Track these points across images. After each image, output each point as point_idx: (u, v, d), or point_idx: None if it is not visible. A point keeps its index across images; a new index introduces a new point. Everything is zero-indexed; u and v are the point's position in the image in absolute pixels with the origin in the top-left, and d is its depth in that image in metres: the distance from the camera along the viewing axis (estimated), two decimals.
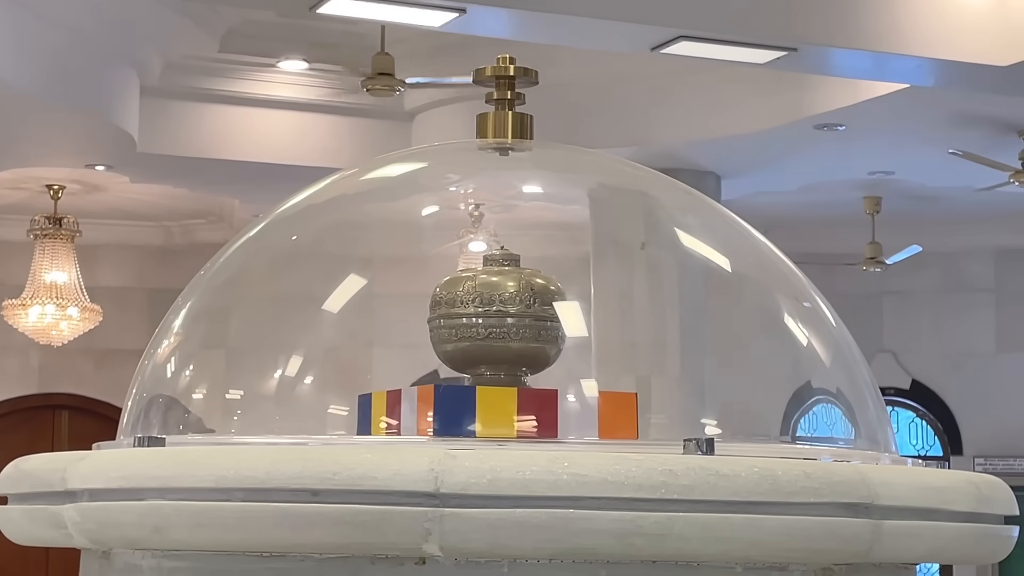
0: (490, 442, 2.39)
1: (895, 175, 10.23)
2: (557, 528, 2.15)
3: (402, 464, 2.16)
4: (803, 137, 9.08)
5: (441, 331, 2.74)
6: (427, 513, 2.14)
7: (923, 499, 2.34)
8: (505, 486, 2.15)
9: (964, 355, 12.43)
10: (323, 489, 2.16)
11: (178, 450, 2.38)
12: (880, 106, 8.40)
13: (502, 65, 2.82)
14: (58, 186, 10.95)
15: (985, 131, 9.07)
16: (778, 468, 2.24)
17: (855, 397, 2.86)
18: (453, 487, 2.14)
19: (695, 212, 3.05)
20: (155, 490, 2.25)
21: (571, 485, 2.15)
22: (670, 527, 2.17)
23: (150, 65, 9.25)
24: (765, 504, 2.20)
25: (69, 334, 11.00)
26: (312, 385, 2.82)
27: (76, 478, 2.35)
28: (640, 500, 2.16)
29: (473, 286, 2.73)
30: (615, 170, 3.17)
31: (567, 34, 7.19)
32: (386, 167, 3.13)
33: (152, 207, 11.82)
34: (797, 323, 2.92)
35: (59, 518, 2.38)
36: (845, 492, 2.26)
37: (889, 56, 7.28)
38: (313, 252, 2.95)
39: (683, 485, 2.17)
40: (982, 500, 2.43)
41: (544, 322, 2.73)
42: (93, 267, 11.68)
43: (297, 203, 2.89)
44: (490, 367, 2.73)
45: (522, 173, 3.01)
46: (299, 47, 9.43)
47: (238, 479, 2.20)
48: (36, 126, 9.05)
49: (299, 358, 2.84)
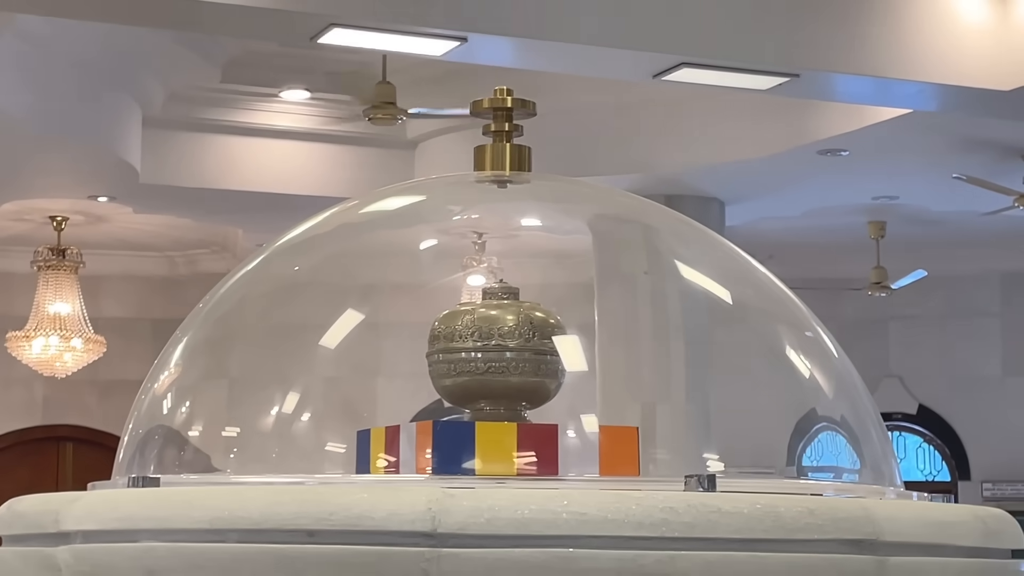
0: (489, 480, 2.36)
1: (899, 200, 10.20)
2: (557, 568, 2.12)
3: (399, 504, 2.13)
4: (807, 163, 9.06)
5: (440, 365, 2.72)
6: (424, 553, 2.11)
7: (929, 534, 2.31)
8: (503, 525, 2.12)
9: (971, 379, 12.38)
10: (319, 530, 2.13)
11: (172, 491, 2.35)
12: (883, 131, 8.38)
13: (499, 97, 2.80)
14: (61, 217, 10.94)
15: (989, 155, 9.04)
16: (781, 504, 2.21)
17: (859, 428, 2.83)
18: (451, 527, 2.11)
19: (695, 242, 3.02)
20: (149, 531, 2.22)
21: (571, 524, 2.12)
22: (672, 565, 2.13)
23: (152, 96, 9.25)
24: (768, 541, 2.17)
25: (73, 365, 10.98)
26: (311, 420, 2.80)
27: (70, 520, 2.32)
28: (641, 538, 2.13)
29: (472, 320, 2.71)
30: (614, 201, 3.15)
31: (568, 62, 7.18)
32: (384, 200, 3.11)
33: (155, 237, 11.81)
34: (800, 354, 2.89)
35: (53, 560, 2.35)
36: (849, 528, 2.22)
37: (892, 81, 7.26)
38: (312, 285, 2.93)
39: (684, 523, 2.14)
40: (989, 534, 2.40)
41: (544, 356, 2.70)
42: (97, 298, 11.67)
43: (296, 236, 2.87)
44: (489, 402, 2.71)
45: (521, 205, 2.99)
46: (301, 77, 9.43)
47: (233, 520, 2.17)
48: (39, 158, 9.04)
49: (298, 392, 2.82)
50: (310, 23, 6.46)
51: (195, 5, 6.11)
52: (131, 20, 6.64)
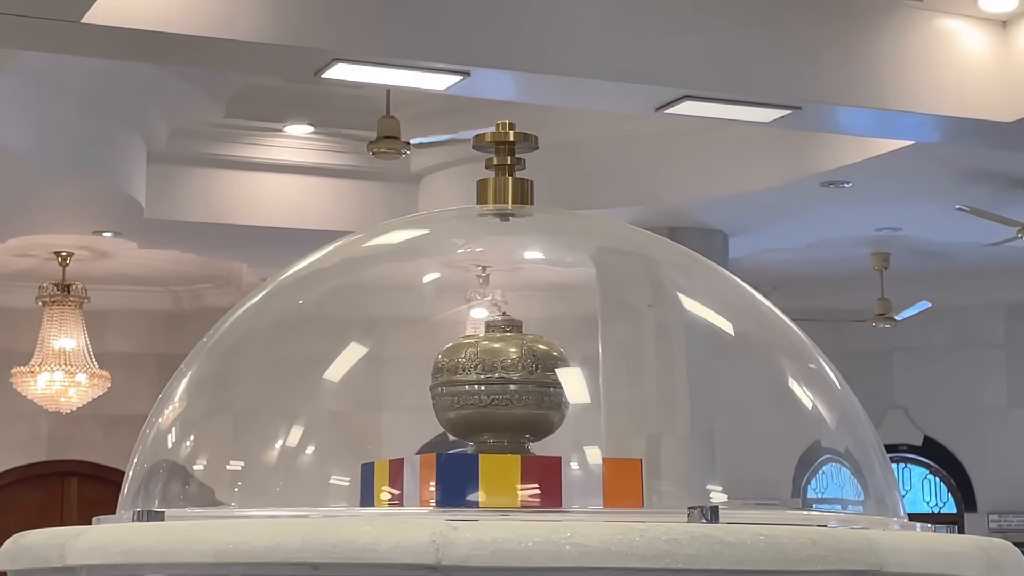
0: (493, 512, 2.36)
1: (902, 231, 10.21)
2: None
3: (403, 536, 2.14)
4: (810, 194, 9.08)
5: (443, 398, 2.73)
6: None
7: (932, 565, 2.31)
8: (507, 557, 2.12)
9: (976, 411, 12.37)
10: (324, 562, 2.14)
11: (177, 525, 2.35)
12: (886, 163, 8.40)
13: (501, 131, 2.82)
14: (66, 253, 10.97)
15: (991, 187, 9.06)
16: (784, 535, 2.21)
17: (863, 459, 2.84)
18: (454, 559, 2.11)
19: (698, 275, 3.03)
20: (154, 565, 2.23)
21: (574, 556, 2.12)
22: None
23: (156, 131, 9.28)
24: (772, 573, 2.18)
25: (78, 400, 10.99)
26: (315, 454, 2.80)
27: (75, 554, 2.33)
28: (644, 570, 2.13)
29: (475, 352, 2.72)
30: (616, 233, 3.16)
31: (571, 96, 7.21)
32: (388, 234, 3.12)
33: (160, 272, 11.84)
34: (803, 386, 2.90)
35: None
36: (852, 559, 2.23)
37: (894, 113, 7.29)
38: (315, 319, 2.94)
39: (687, 554, 2.14)
40: (992, 565, 2.40)
41: (547, 388, 2.71)
42: (102, 333, 11.68)
43: (300, 270, 2.89)
44: (493, 434, 2.71)
45: (524, 238, 3.00)
46: (305, 111, 9.47)
47: (237, 553, 2.17)
48: (44, 193, 9.07)
49: (302, 426, 2.82)
50: (314, 58, 6.49)
51: (198, 41, 6.15)
52: (135, 57, 6.68)
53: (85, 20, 5.80)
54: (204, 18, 6.08)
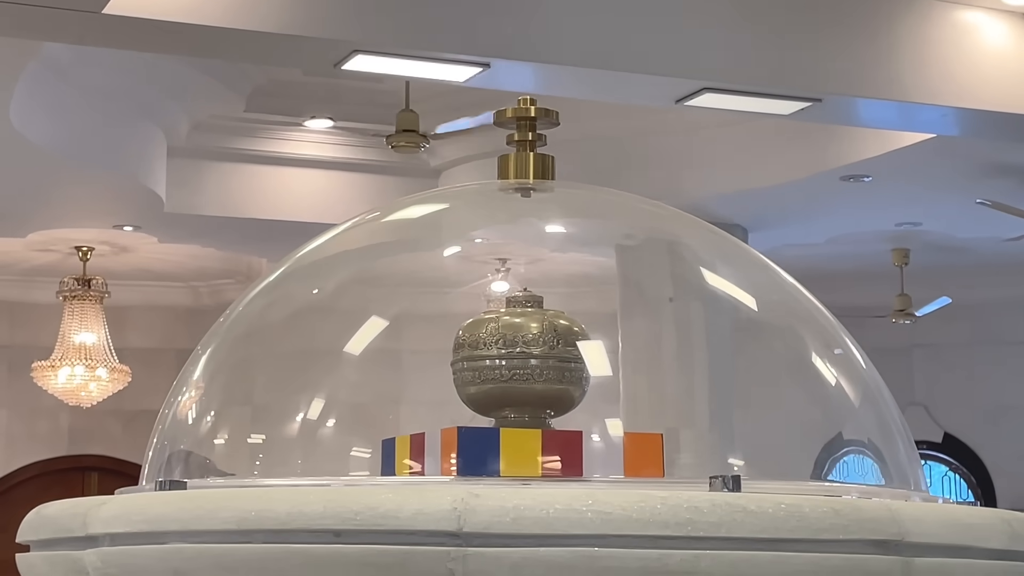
0: (514, 481, 2.36)
1: (923, 226, 10.19)
2: (582, 567, 2.12)
3: (424, 503, 2.14)
4: (830, 188, 9.06)
5: (464, 373, 2.73)
6: (450, 553, 2.12)
7: (954, 536, 2.30)
8: (528, 525, 2.12)
9: (997, 407, 12.33)
10: (345, 530, 2.14)
11: (199, 493, 2.36)
12: (906, 156, 8.38)
13: (523, 107, 2.82)
14: (87, 248, 11.00)
15: (1012, 180, 9.03)
16: (806, 505, 2.21)
17: (885, 439, 2.83)
18: (476, 526, 2.12)
19: (722, 254, 3.03)
20: (176, 533, 2.23)
21: (595, 523, 2.12)
22: (696, 564, 2.13)
23: (177, 125, 9.30)
24: (793, 541, 2.17)
25: (98, 395, 11.02)
26: (335, 430, 2.80)
27: (97, 523, 2.33)
28: (666, 538, 2.13)
29: (496, 328, 2.72)
30: (639, 210, 3.15)
31: (591, 88, 7.20)
32: (407, 210, 3.12)
33: (180, 267, 11.86)
34: (827, 366, 2.90)
35: (80, 564, 2.36)
36: (875, 529, 2.22)
37: (914, 106, 7.27)
38: (333, 298, 2.94)
39: (709, 522, 2.14)
40: (1015, 537, 2.39)
41: (568, 363, 2.71)
42: (122, 328, 11.71)
43: (315, 249, 2.89)
44: (514, 409, 2.71)
45: (546, 216, 3.00)
46: (325, 106, 9.48)
47: (259, 521, 2.18)
48: (64, 187, 9.10)
49: (322, 405, 2.83)
50: (334, 50, 6.50)
51: (219, 32, 6.16)
52: (155, 48, 6.69)
53: (106, 11, 5.81)
54: (224, 9, 6.09)
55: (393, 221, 3.06)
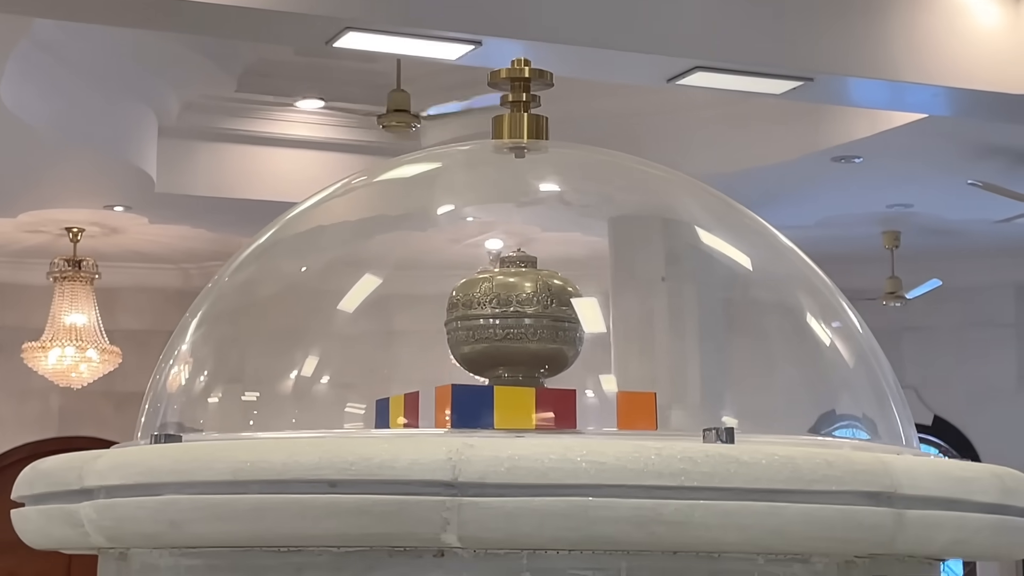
0: (508, 433, 2.37)
1: (913, 208, 10.21)
2: (576, 516, 2.13)
3: (420, 454, 2.15)
4: (820, 169, 9.08)
5: (458, 333, 2.73)
6: (445, 502, 2.13)
7: (946, 489, 2.31)
8: (523, 475, 2.13)
9: (987, 390, 12.36)
10: (341, 480, 2.14)
11: (194, 444, 2.36)
12: (897, 137, 8.40)
13: (516, 67, 2.83)
14: (77, 229, 10.99)
15: (1003, 162, 9.05)
16: (799, 456, 2.22)
17: (880, 403, 2.84)
18: (471, 476, 2.12)
19: (715, 217, 3.04)
20: (172, 485, 2.24)
21: (590, 473, 2.13)
22: (690, 515, 2.14)
23: (168, 105, 9.30)
24: (786, 492, 2.18)
25: (89, 376, 11.02)
26: (328, 389, 2.81)
27: (93, 476, 2.34)
28: (660, 488, 2.14)
29: (490, 287, 2.72)
30: (635, 171, 3.16)
31: (583, 66, 7.21)
32: (400, 169, 3.13)
33: (170, 249, 11.86)
34: (822, 333, 2.91)
35: (76, 517, 2.37)
36: (867, 481, 2.23)
37: (906, 85, 7.28)
38: (327, 256, 2.95)
39: (703, 472, 2.15)
40: (1006, 492, 2.40)
41: (562, 323, 2.72)
42: (112, 310, 11.70)
43: (309, 207, 2.90)
44: (508, 368, 2.72)
45: (540, 175, 3.00)
46: (316, 86, 9.48)
47: (255, 472, 2.18)
48: (55, 167, 9.09)
49: (315, 364, 2.83)
50: (325, 27, 6.50)
51: (211, 8, 6.15)
52: (145, 24, 6.69)
53: None
54: None
55: (386, 180, 3.06)
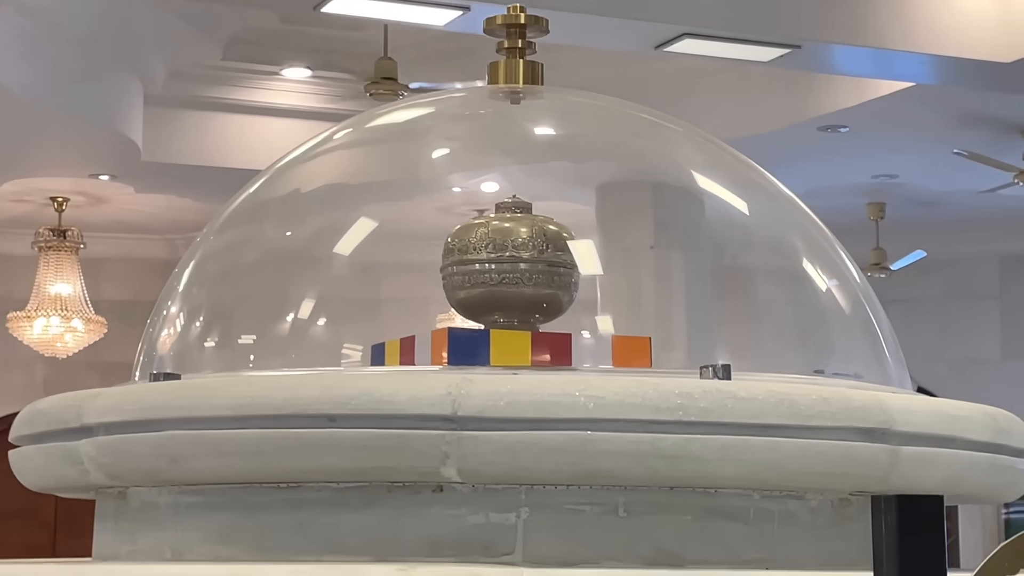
0: (507, 370, 2.38)
1: (899, 179, 10.23)
2: (575, 450, 2.14)
3: (419, 388, 2.16)
4: (807, 139, 9.09)
5: (454, 278, 2.74)
6: (445, 436, 2.14)
7: (940, 426, 2.34)
8: (522, 409, 2.14)
9: (970, 362, 12.40)
10: (340, 414, 2.16)
11: (194, 381, 2.38)
12: (884, 106, 8.41)
13: (512, 14, 2.84)
14: (62, 198, 10.96)
15: (989, 132, 9.07)
16: (795, 393, 2.24)
17: (874, 350, 2.87)
18: (470, 410, 2.14)
19: (709, 168, 3.05)
20: (172, 421, 2.25)
21: (589, 407, 2.15)
22: (687, 449, 2.16)
23: (154, 73, 9.26)
24: (782, 427, 2.20)
25: (74, 346, 11.00)
26: (325, 330, 2.82)
27: (92, 413, 2.35)
28: (657, 422, 2.16)
29: (486, 232, 2.73)
30: (631, 117, 3.17)
31: (570, 32, 7.20)
32: (393, 114, 3.14)
33: (155, 219, 11.83)
34: (817, 271, 2.92)
35: (76, 454, 2.38)
36: (863, 417, 2.25)
37: (892, 53, 7.29)
38: (323, 199, 2.96)
39: (700, 407, 2.17)
40: (999, 432, 2.43)
41: (557, 268, 2.73)
42: (97, 280, 11.67)
43: (308, 150, 2.91)
44: (503, 313, 2.73)
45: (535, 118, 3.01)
46: (302, 55, 9.45)
47: (255, 407, 2.20)
48: (40, 135, 9.06)
49: (312, 306, 2.84)
50: None
51: None
52: None
53: None
54: None
55: (381, 126, 3.08)
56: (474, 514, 2.20)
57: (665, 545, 2.22)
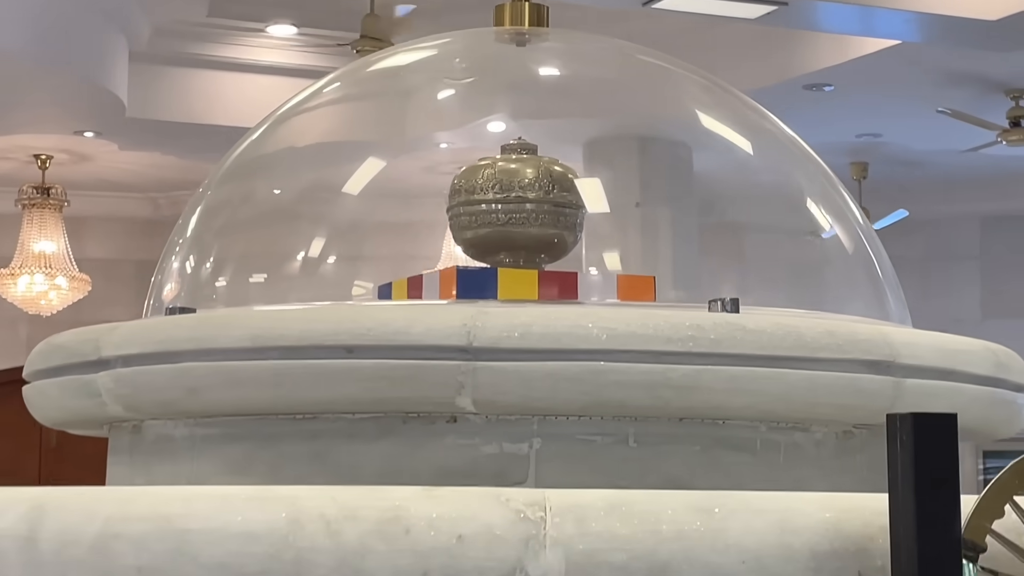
0: (519, 303, 2.42)
1: (882, 138, 10.28)
2: (588, 380, 2.18)
3: (435, 320, 2.20)
4: (792, 98, 9.12)
5: (461, 219, 2.78)
6: (460, 367, 2.18)
7: (943, 359, 2.38)
8: (536, 340, 2.18)
9: (950, 322, 12.44)
10: (357, 345, 2.19)
11: (212, 314, 2.41)
12: (869, 65, 8.45)
13: None
14: (46, 156, 10.94)
15: (973, 91, 9.12)
16: (802, 325, 2.28)
17: (873, 282, 2.91)
18: (485, 341, 2.18)
19: (711, 103, 3.09)
20: (189, 352, 2.28)
21: (601, 339, 2.19)
22: (698, 379, 2.21)
23: (139, 30, 9.24)
24: (790, 359, 2.25)
25: (59, 304, 11.00)
26: (335, 268, 2.85)
27: (110, 346, 2.38)
28: (669, 353, 2.20)
29: (492, 173, 2.77)
30: (632, 57, 3.20)
31: None
32: (396, 56, 3.17)
33: (139, 178, 11.82)
34: (817, 207, 2.96)
35: (93, 387, 2.40)
36: (868, 350, 2.30)
37: (877, 10, 7.33)
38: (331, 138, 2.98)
39: (710, 339, 2.21)
40: (999, 366, 2.48)
41: (562, 208, 2.77)
42: (81, 239, 11.66)
43: (315, 91, 2.93)
44: (509, 253, 2.77)
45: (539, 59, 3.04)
46: (288, 12, 9.44)
47: (273, 338, 2.23)
48: (25, 91, 9.03)
49: (322, 244, 2.88)
50: None
51: None
52: None
53: None
54: None
55: (380, 69, 3.11)
56: (487, 444, 2.24)
57: (674, 475, 2.26)
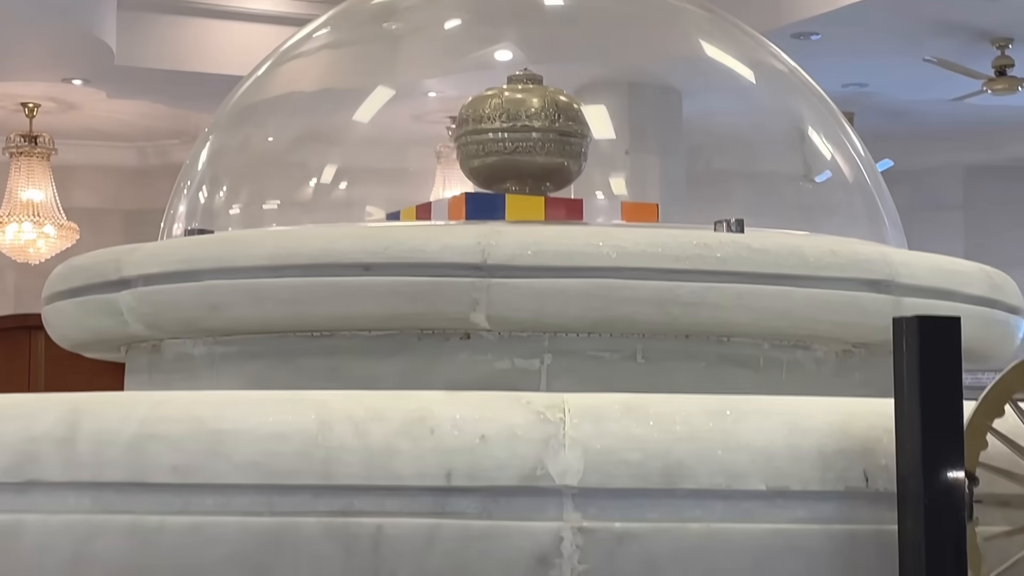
0: (532, 223, 2.48)
1: (869, 87, 10.33)
2: (599, 296, 2.25)
3: (451, 238, 2.26)
4: (780, 47, 9.14)
5: (468, 147, 2.84)
6: (475, 283, 2.25)
7: (940, 279, 2.46)
8: (549, 257, 2.25)
9: None
10: (374, 263, 2.26)
11: (231, 234, 2.47)
12: (855, 13, 8.49)
13: None
14: (33, 104, 10.94)
15: (959, 40, 9.18)
16: (805, 244, 2.35)
17: (871, 215, 2.98)
18: (499, 259, 2.24)
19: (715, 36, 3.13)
20: (210, 271, 2.34)
21: (611, 256, 2.25)
22: (704, 296, 2.28)
23: None
24: (793, 277, 2.32)
25: (47, 252, 11.03)
26: (347, 195, 2.91)
27: (131, 266, 2.44)
28: (677, 271, 2.26)
29: (499, 103, 2.83)
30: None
31: None
32: None
33: (127, 127, 11.83)
34: (821, 138, 3.02)
35: (115, 306, 2.46)
36: (868, 269, 2.37)
37: None
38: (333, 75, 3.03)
39: (717, 257, 2.28)
40: (994, 288, 2.56)
41: (568, 137, 2.83)
42: (69, 188, 11.67)
43: (303, 36, 2.98)
44: (516, 182, 2.83)
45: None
46: None
47: (292, 256, 2.29)
48: (12, 38, 9.03)
49: (335, 170, 2.93)
50: None
51: None
52: None
53: None
54: None
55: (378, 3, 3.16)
56: (500, 360, 2.30)
57: (680, 389, 2.32)
